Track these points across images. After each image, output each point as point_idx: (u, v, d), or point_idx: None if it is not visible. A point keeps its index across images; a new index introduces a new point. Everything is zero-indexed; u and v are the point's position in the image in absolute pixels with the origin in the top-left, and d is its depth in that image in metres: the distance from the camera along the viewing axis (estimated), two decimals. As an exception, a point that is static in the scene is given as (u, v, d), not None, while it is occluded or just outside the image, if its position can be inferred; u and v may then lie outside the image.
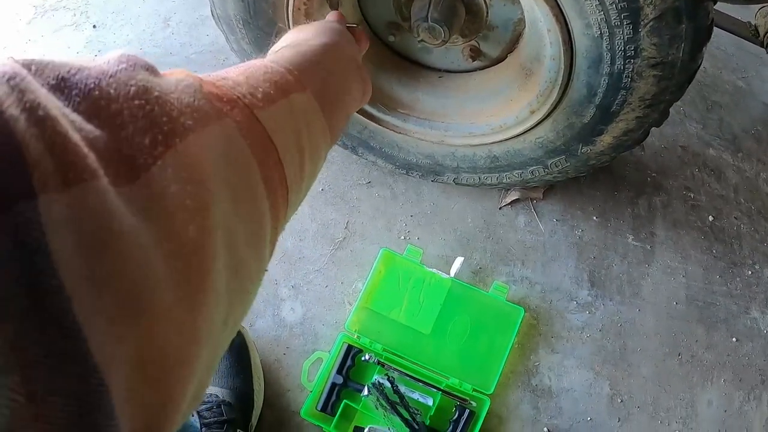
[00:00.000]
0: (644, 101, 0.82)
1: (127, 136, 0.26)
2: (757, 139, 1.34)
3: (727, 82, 1.40)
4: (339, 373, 0.98)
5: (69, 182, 0.22)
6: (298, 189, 0.41)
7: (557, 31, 0.76)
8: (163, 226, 0.26)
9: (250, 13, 0.85)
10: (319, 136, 0.46)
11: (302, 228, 1.11)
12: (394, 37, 0.98)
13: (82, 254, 0.22)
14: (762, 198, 1.26)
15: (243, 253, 0.33)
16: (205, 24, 1.40)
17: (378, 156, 1.09)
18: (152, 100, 0.29)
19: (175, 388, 0.27)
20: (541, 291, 1.09)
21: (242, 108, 0.36)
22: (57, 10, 1.46)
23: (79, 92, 0.26)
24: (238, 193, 0.32)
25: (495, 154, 1.01)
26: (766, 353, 1.11)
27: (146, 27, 1.41)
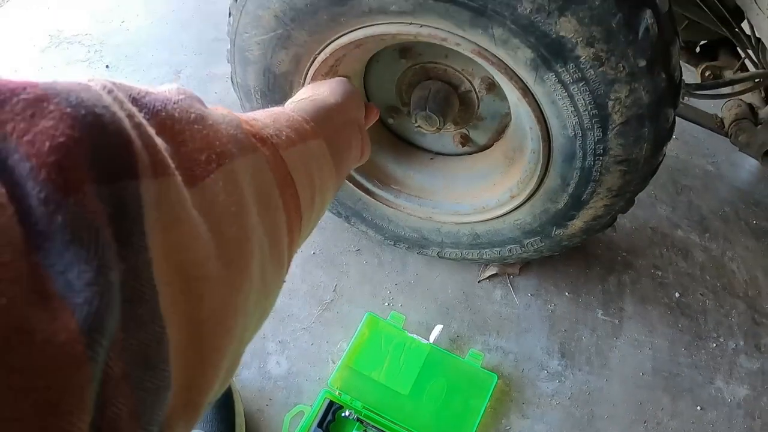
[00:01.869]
0: (611, 192, 0.90)
1: (187, 151, 0.32)
2: (724, 220, 1.42)
3: (697, 167, 1.49)
4: (319, 427, 1.01)
5: (158, 174, 0.27)
6: (308, 218, 0.48)
7: (538, 129, 0.84)
8: (214, 224, 0.32)
9: (269, 86, 0.93)
10: (328, 178, 0.53)
11: (293, 287, 1.16)
12: (393, 120, 1.06)
13: (162, 227, 0.27)
14: (728, 275, 1.33)
15: (267, 260, 0.38)
16: (214, 81, 1.47)
17: (369, 226, 1.16)
18: (208, 126, 0.35)
19: (216, 350, 0.32)
20: (514, 360, 1.14)
21: (270, 146, 0.42)
22: (72, 43, 1.52)
23: (148, 112, 0.31)
24: (264, 211, 0.38)
25: (477, 232, 1.08)
26: (731, 421, 1.15)
27: (157, 75, 1.48)
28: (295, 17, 0.80)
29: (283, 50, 0.86)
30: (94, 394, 0.22)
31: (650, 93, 0.76)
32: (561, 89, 0.77)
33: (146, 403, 0.26)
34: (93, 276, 0.22)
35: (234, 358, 0.36)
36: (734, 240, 1.39)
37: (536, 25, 0.71)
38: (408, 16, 0.75)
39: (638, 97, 0.76)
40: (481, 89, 0.95)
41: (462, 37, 0.76)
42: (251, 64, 0.91)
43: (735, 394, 1.18)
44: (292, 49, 0.85)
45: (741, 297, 1.31)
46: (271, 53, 0.87)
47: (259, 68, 0.90)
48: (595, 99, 0.76)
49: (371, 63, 0.98)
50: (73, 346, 0.21)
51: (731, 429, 1.15)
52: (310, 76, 0.88)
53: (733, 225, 1.41)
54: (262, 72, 0.91)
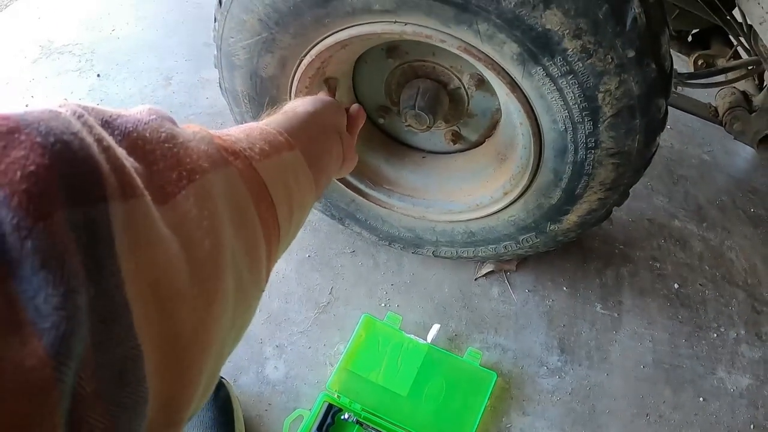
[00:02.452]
0: (605, 185, 0.88)
1: (158, 170, 0.33)
2: (722, 209, 1.41)
3: (692, 156, 1.47)
4: (319, 430, 1.01)
5: (126, 196, 0.28)
6: (287, 229, 0.47)
7: (528, 124, 0.83)
8: (186, 240, 0.32)
9: (257, 91, 0.92)
10: (306, 188, 0.53)
11: (288, 291, 1.15)
12: (383, 120, 1.05)
13: (133, 249, 0.27)
14: (726, 264, 1.32)
15: (244, 272, 0.38)
16: (205, 87, 1.46)
17: (363, 227, 1.15)
18: (178, 144, 0.35)
19: (192, 366, 0.32)
20: (513, 357, 1.13)
21: (243, 159, 0.42)
22: (63, 53, 1.51)
23: (120, 133, 0.32)
24: (239, 224, 0.38)
25: (471, 230, 1.06)
26: (734, 411, 1.13)
27: (148, 83, 1.47)
28: (279, 20, 0.79)
29: (269, 54, 0.84)
30: (64, 413, 0.23)
31: (640, 84, 0.74)
32: (549, 83, 0.75)
33: (122, 420, 0.26)
34: (60, 300, 0.23)
35: (212, 373, 0.36)
36: (732, 229, 1.37)
37: (521, 18, 0.69)
38: (392, 14, 0.74)
39: (628, 88, 0.74)
40: (470, 86, 0.94)
41: (447, 34, 0.74)
42: (238, 68, 0.89)
43: (737, 383, 1.17)
44: (277, 53, 0.84)
45: (740, 286, 1.30)
46: (257, 57, 0.86)
47: (246, 73, 0.89)
48: (584, 92, 0.75)
49: (359, 63, 0.97)
50: (42, 371, 0.22)
51: (734, 419, 1.13)
52: (297, 78, 0.87)
53: (731, 214, 1.40)
54: (249, 76, 0.89)
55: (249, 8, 0.79)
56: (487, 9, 0.69)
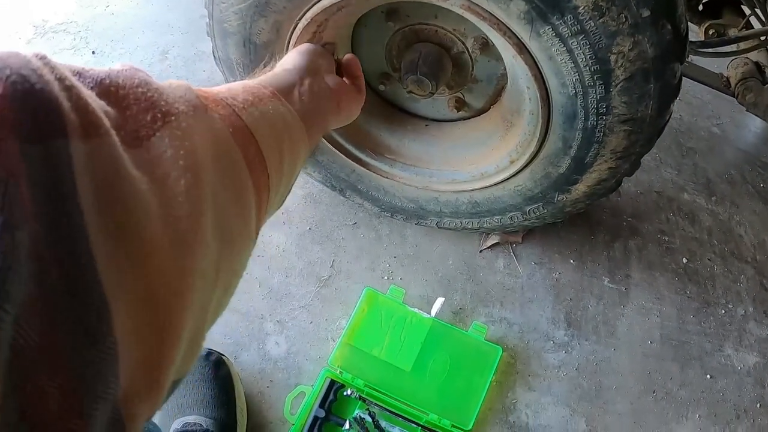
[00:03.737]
0: (616, 153, 0.84)
1: (132, 114, 0.32)
2: (731, 183, 1.37)
3: (702, 129, 1.43)
4: (321, 407, 0.98)
5: (89, 135, 0.26)
6: (278, 179, 0.46)
7: (535, 88, 0.78)
8: (160, 180, 0.31)
9: (251, 58, 0.87)
10: (298, 137, 0.51)
11: (289, 265, 1.12)
12: (384, 86, 1.01)
13: (95, 188, 0.26)
14: (735, 239, 1.28)
15: (230, 219, 0.37)
16: (202, 59, 1.41)
17: (365, 199, 1.11)
18: (152, 89, 0.34)
19: (170, 321, 0.30)
20: (519, 331, 1.10)
21: (225, 107, 0.41)
22: (57, 32, 1.47)
23: (92, 80, 0.31)
24: (223, 167, 0.37)
25: (476, 200, 1.03)
26: (741, 389, 1.11)
27: (144, 58, 1.43)
28: (273, -21, 0.74)
29: (262, 18, 0.80)
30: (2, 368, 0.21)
31: (655, 46, 0.70)
32: (559, 44, 0.71)
33: (86, 379, 0.24)
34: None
35: (196, 331, 0.33)
36: (741, 204, 1.33)
37: (530, -27, 0.65)
38: (392, -30, 0.69)
39: (642, 50, 0.70)
40: (474, 50, 0.89)
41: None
42: (231, 35, 0.85)
43: (744, 361, 1.14)
44: (271, 17, 0.79)
45: (749, 262, 1.26)
46: (250, 22, 0.81)
47: (239, 39, 0.85)
48: (596, 53, 0.71)
49: (357, 28, 0.92)
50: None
51: (741, 397, 1.11)
52: (292, 44, 0.82)
53: (740, 188, 1.35)
54: (243, 43, 0.85)
55: (242, -32, 0.75)
56: (493, -38, 0.65)
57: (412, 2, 0.81)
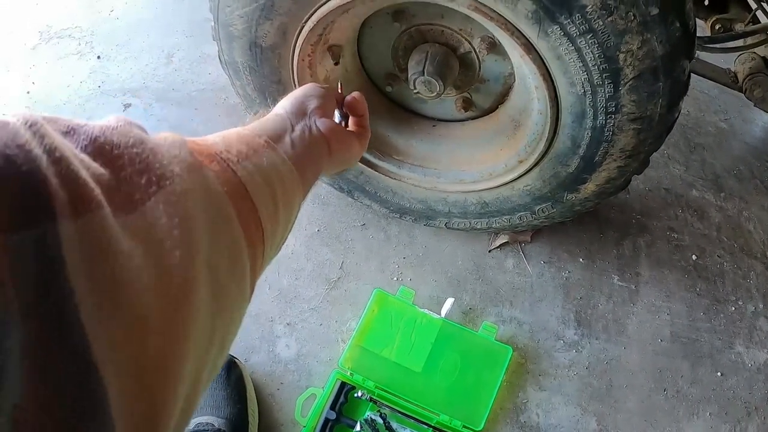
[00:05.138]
0: (625, 152, 0.84)
1: (126, 176, 0.31)
2: (739, 179, 1.36)
3: (709, 124, 1.42)
4: (332, 409, 0.98)
5: (79, 212, 0.26)
6: (273, 231, 0.45)
7: (544, 88, 0.78)
8: (154, 250, 0.30)
9: (257, 61, 0.87)
10: (291, 185, 0.50)
11: (298, 267, 1.12)
12: (391, 87, 1.00)
13: (88, 269, 0.25)
14: (744, 235, 1.27)
15: (224, 280, 0.36)
16: (207, 62, 1.42)
17: (373, 200, 1.11)
18: (147, 149, 0.33)
19: (163, 391, 0.30)
20: (529, 330, 1.10)
21: (219, 161, 0.41)
22: (62, 38, 1.47)
23: (86, 138, 0.30)
24: (216, 229, 0.36)
25: (485, 200, 1.02)
26: (751, 386, 1.10)
27: (149, 61, 1.43)
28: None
29: (268, 21, 0.80)
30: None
31: (664, 43, 0.69)
32: (567, 43, 0.70)
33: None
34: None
35: (191, 393, 0.33)
36: (750, 199, 1.32)
37: (538, -28, 0.64)
38: (399, -29, 0.69)
39: (651, 48, 0.69)
40: (481, 49, 0.89)
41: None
42: (236, 39, 0.85)
43: (755, 358, 1.13)
44: (277, 19, 0.79)
45: (759, 258, 1.25)
46: (255, 26, 0.81)
47: (245, 43, 0.84)
48: (604, 52, 0.70)
49: (364, 29, 0.92)
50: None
51: (752, 395, 1.10)
52: (299, 46, 0.82)
53: (748, 183, 1.34)
54: (249, 47, 0.85)
55: (247, -28, 0.75)
56: (501, -38, 0.64)
57: (419, 2, 0.81)
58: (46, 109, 1.36)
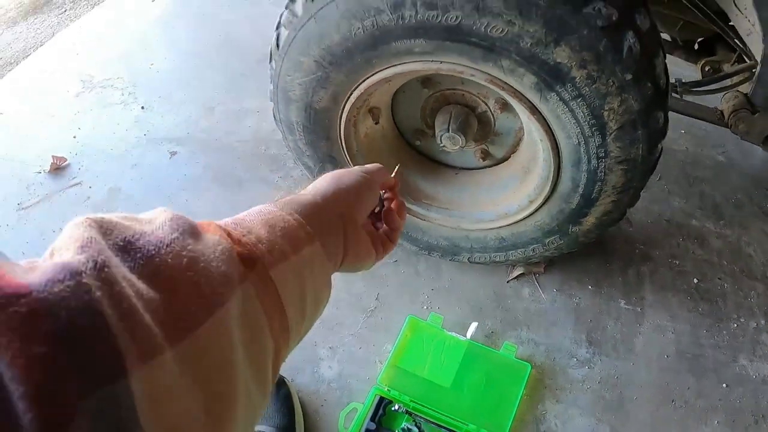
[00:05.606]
0: (616, 189, 1.11)
1: (179, 302, 0.35)
2: (738, 206, 1.63)
3: (707, 158, 1.70)
4: (372, 421, 1.23)
5: (146, 358, 0.31)
6: (297, 331, 0.50)
7: (547, 140, 1.06)
8: (202, 377, 0.35)
9: (310, 121, 1.17)
10: (323, 284, 0.55)
11: (338, 298, 1.40)
12: (419, 141, 1.30)
13: (155, 412, 0.31)
14: (744, 259, 1.53)
15: (252, 389, 0.42)
16: (247, 116, 1.71)
17: (404, 239, 1.40)
18: (200, 271, 0.38)
19: None
20: (545, 350, 1.36)
21: (260, 268, 0.44)
22: (105, 87, 1.76)
23: (143, 257, 0.35)
24: (250, 343, 0.41)
25: (502, 236, 1.30)
26: (757, 396, 1.32)
27: (191, 113, 1.72)
28: (333, 61, 1.04)
29: (323, 89, 1.09)
30: None
31: (639, 101, 0.97)
32: (563, 105, 0.99)
33: None
34: None
35: None
36: (749, 225, 1.59)
37: (537, 55, 0.93)
38: (430, 55, 0.98)
39: (629, 105, 0.98)
40: (495, 109, 1.19)
41: (476, 69, 0.99)
42: (293, 102, 1.14)
43: (759, 370, 1.36)
44: (330, 88, 1.09)
45: (759, 279, 1.51)
46: (311, 92, 1.11)
47: (301, 106, 1.14)
48: (592, 111, 0.99)
49: (397, 93, 1.22)
50: None
51: (758, 404, 1.32)
52: (346, 109, 1.12)
53: (747, 210, 1.62)
54: (304, 109, 1.14)
55: (306, 51, 1.04)
56: (508, 49, 0.93)
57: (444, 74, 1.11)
58: (94, 153, 1.63)
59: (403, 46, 0.98)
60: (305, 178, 1.59)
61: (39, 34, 2.02)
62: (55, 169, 1.64)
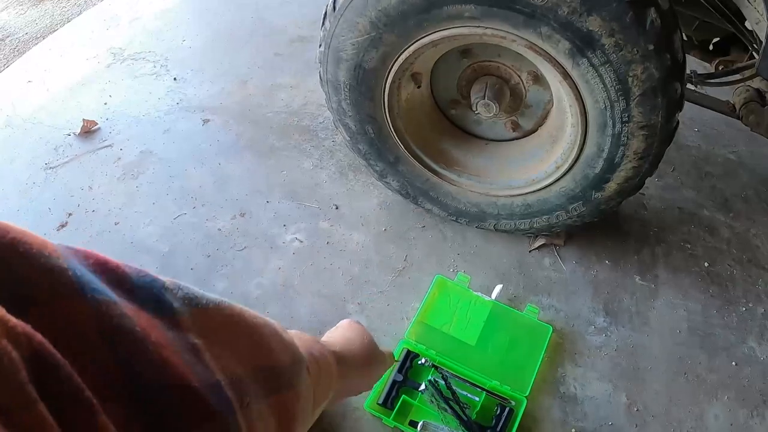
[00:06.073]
0: (637, 154, 1.35)
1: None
2: (747, 201, 1.88)
3: (718, 156, 1.97)
4: (399, 372, 1.43)
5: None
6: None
7: (576, 105, 1.30)
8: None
9: (357, 80, 1.40)
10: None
11: (367, 258, 1.61)
12: (454, 111, 1.55)
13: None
14: (752, 249, 1.77)
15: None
16: (279, 90, 1.95)
17: (434, 204, 1.62)
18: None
19: None
20: (565, 317, 1.58)
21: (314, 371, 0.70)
22: (136, 60, 1.99)
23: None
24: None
25: (528, 203, 1.54)
26: (765, 377, 1.52)
27: (225, 86, 1.95)
28: (387, 23, 1.28)
29: (374, 49, 1.33)
30: None
31: (659, 69, 1.22)
32: (592, 71, 1.24)
33: None
34: None
35: None
36: (757, 219, 1.84)
37: (572, 23, 1.18)
38: (477, 20, 1.23)
39: (650, 73, 1.22)
40: (527, 81, 1.43)
41: (517, 35, 1.23)
42: (344, 61, 1.38)
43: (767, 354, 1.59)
44: (381, 49, 1.33)
45: (766, 269, 1.74)
46: (363, 52, 1.35)
47: (351, 65, 1.38)
48: (618, 77, 1.23)
49: (438, 62, 1.47)
50: None
51: (766, 384, 1.53)
52: (393, 71, 1.36)
53: (756, 206, 1.87)
54: (354, 68, 1.38)
55: (362, 12, 1.28)
56: (547, 16, 1.18)
57: (483, 44, 1.35)
58: (125, 119, 1.84)
59: (454, 10, 1.22)
60: (336, 148, 1.82)
61: (66, 11, 2.25)
62: (85, 132, 1.81)
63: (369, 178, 1.75)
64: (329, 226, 1.69)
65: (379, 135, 1.52)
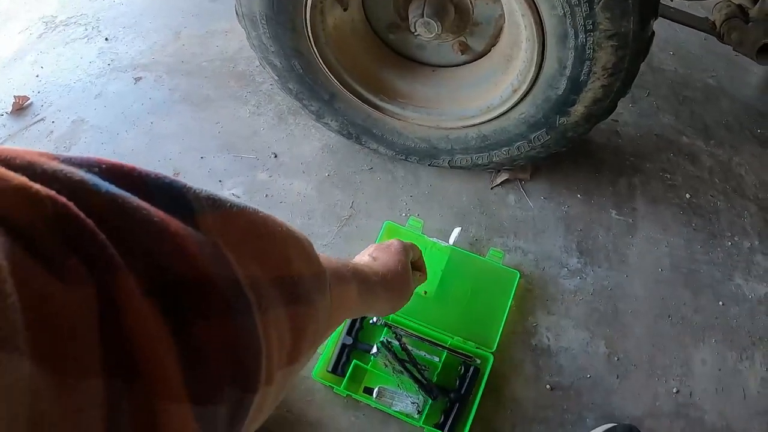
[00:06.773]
0: (607, 70, 1.09)
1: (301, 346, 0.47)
2: (728, 128, 1.63)
3: (697, 80, 1.70)
4: (348, 335, 1.19)
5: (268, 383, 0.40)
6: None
7: (529, 14, 1.04)
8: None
9: (273, 10, 1.13)
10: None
11: (310, 208, 1.37)
12: (393, 35, 1.27)
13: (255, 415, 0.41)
14: (736, 178, 1.53)
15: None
16: (214, 36, 1.71)
17: (380, 143, 1.36)
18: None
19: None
20: (534, 259, 1.33)
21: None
22: (68, 25, 1.75)
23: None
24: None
25: (484, 134, 1.27)
26: (754, 317, 1.33)
27: (157, 39, 1.71)
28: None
29: (286, -31, 1.06)
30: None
31: (628, -39, 0.95)
32: (546, -32, 0.96)
33: None
34: None
35: None
36: (740, 147, 1.59)
37: None
38: None
39: (617, -34, 0.95)
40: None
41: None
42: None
43: (755, 291, 1.37)
44: (295, -32, 1.05)
45: (752, 200, 1.50)
46: (275, -25, 1.07)
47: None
48: (578, -27, 0.96)
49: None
50: None
51: (754, 324, 1.33)
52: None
53: (738, 133, 1.62)
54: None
55: None
56: None
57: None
58: (57, 89, 1.63)
59: None
60: (274, 92, 1.56)
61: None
62: (18, 110, 1.62)
63: (310, 121, 1.49)
64: (268, 177, 1.43)
65: (308, 70, 1.25)
